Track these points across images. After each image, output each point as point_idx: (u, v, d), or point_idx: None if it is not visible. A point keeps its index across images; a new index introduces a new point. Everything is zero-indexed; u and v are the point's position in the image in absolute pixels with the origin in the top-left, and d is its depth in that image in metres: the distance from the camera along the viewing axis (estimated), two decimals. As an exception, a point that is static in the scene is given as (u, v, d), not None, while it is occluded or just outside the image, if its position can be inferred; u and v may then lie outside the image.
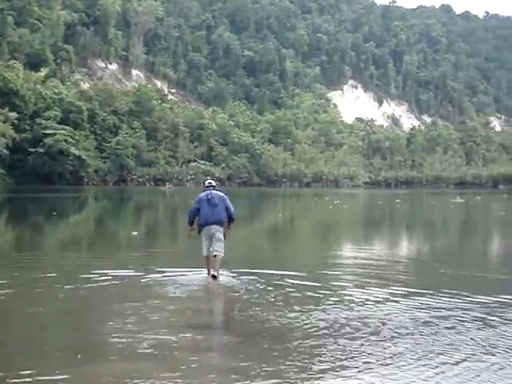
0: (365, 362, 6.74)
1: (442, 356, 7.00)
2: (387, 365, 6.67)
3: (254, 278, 11.85)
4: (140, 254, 16.60)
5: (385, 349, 7.26)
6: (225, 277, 11.78)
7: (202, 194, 11.97)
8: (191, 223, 12.08)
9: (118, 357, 6.91)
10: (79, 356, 6.86)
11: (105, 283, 11.20)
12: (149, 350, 7.09)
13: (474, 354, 7.09)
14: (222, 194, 12.06)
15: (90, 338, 7.80)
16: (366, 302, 9.88)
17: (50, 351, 7.19)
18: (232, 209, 11.95)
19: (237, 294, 10.51)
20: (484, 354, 7.14)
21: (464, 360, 6.88)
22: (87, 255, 16.60)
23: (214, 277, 11.49)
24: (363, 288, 11.08)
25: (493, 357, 7.04)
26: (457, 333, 8.04)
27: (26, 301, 9.68)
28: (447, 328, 8.30)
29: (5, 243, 19.53)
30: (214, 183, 12.43)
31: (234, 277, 11.90)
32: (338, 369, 6.55)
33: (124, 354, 6.99)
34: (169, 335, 7.76)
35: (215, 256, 11.61)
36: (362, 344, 7.46)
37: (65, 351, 7.20)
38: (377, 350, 7.19)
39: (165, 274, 12.11)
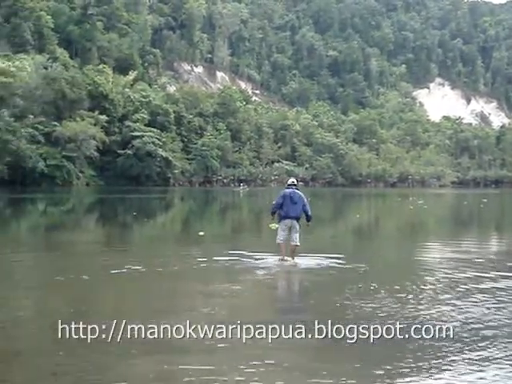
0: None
1: None
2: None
3: (326, 263, 13.07)
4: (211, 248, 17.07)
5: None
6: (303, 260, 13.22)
7: (287, 191, 13.34)
8: (274, 213, 13.47)
9: (196, 349, 6.76)
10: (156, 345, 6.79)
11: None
12: (225, 343, 6.85)
13: None
14: (301, 193, 13.47)
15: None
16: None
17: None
18: (308, 208, 13.42)
19: (318, 279, 11.57)
20: None
21: None
22: (169, 248, 16.95)
23: (291, 261, 13.05)
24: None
25: None
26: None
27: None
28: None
29: (94, 238, 20.40)
30: (295, 182, 13.91)
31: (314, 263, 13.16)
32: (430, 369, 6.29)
33: (200, 348, 6.79)
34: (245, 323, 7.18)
35: (293, 245, 13.12)
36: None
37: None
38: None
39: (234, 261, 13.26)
